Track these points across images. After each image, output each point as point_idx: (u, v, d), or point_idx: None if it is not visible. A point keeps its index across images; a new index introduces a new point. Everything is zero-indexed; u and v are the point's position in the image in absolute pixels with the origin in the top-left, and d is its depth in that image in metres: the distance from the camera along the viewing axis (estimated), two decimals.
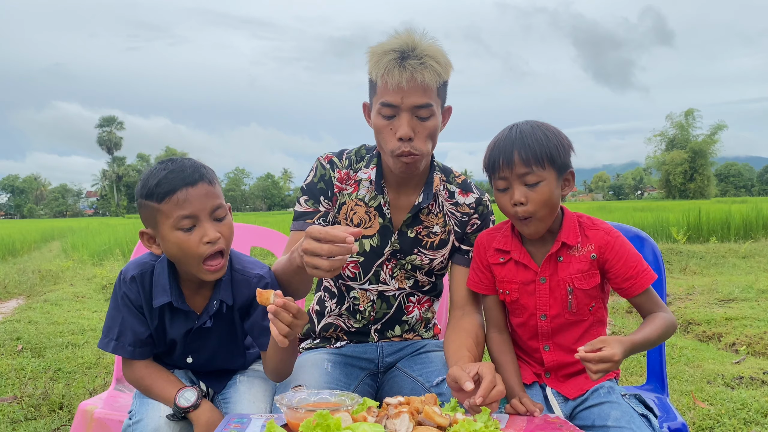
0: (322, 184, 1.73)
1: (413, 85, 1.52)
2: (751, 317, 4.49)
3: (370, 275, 1.73)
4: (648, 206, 22.50)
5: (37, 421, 2.86)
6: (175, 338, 1.55)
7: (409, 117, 1.55)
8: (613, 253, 1.50)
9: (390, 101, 1.55)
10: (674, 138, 57.33)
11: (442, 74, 1.57)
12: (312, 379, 1.58)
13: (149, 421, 1.45)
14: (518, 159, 1.45)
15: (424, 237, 1.72)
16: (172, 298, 1.50)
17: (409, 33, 1.57)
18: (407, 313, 1.78)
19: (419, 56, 1.53)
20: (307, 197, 1.73)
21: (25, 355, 4.05)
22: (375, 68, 1.56)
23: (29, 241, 16.13)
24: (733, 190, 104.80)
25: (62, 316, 5.39)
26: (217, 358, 1.62)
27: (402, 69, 1.52)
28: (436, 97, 1.58)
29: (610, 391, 1.50)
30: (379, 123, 1.59)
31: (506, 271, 1.59)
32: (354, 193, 1.72)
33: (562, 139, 1.50)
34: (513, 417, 1.36)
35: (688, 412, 2.80)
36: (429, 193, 1.71)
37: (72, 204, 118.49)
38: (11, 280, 8.09)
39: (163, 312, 1.53)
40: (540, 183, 1.46)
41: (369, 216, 1.71)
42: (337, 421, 1.07)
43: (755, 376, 3.28)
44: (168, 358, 1.62)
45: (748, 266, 7.56)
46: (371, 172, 1.72)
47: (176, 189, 1.42)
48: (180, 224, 1.42)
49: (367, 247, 1.71)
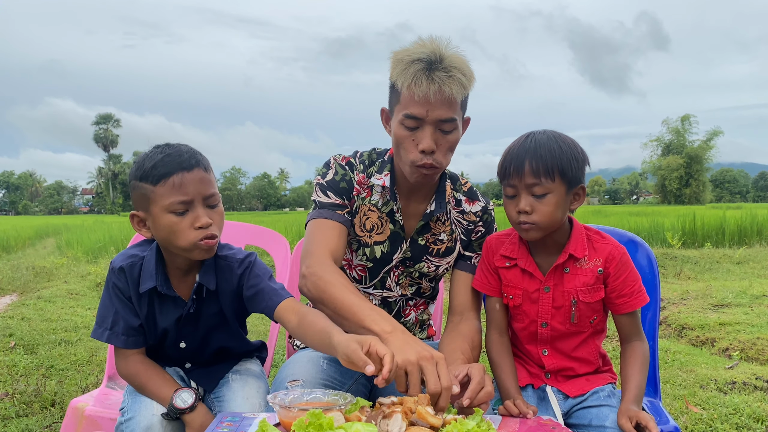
0: (344, 183, 1.70)
1: (440, 98, 1.49)
2: (744, 323, 4.50)
3: (376, 281, 1.73)
4: (643, 211, 22.58)
5: (29, 418, 2.85)
6: (167, 327, 1.55)
7: (433, 130, 1.53)
8: (616, 267, 1.51)
9: (415, 113, 1.51)
10: (670, 143, 57.56)
11: (467, 86, 1.55)
12: (308, 375, 1.58)
13: (141, 419, 1.44)
14: (528, 169, 1.44)
15: (432, 245, 1.72)
16: (157, 283, 1.49)
17: (434, 41, 1.53)
18: (404, 317, 1.78)
19: (447, 68, 1.50)
20: (335, 192, 1.68)
21: (17, 351, 4.03)
22: (401, 77, 1.51)
23: (23, 237, 16.07)
24: (728, 196, 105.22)
25: (56, 313, 5.37)
26: (210, 341, 1.62)
27: (430, 81, 1.48)
28: (459, 110, 1.55)
29: (611, 395, 1.53)
30: (400, 133, 1.56)
31: (512, 275, 1.59)
32: (368, 198, 1.70)
33: (577, 153, 1.48)
34: (506, 419, 1.36)
35: (680, 417, 2.81)
36: (442, 202, 1.70)
37: (67, 201, 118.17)
38: (5, 277, 8.05)
39: (152, 300, 1.53)
40: (547, 195, 1.45)
41: (381, 222, 1.70)
42: (330, 421, 1.07)
43: (748, 382, 3.28)
44: (161, 348, 1.61)
45: (742, 272, 7.58)
46: (385, 178, 1.69)
47: (172, 173, 1.43)
48: (173, 208, 1.43)
49: (377, 252, 1.70)
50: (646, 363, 1.52)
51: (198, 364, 1.66)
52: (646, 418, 1.38)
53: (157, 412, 1.46)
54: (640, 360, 1.51)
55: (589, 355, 1.59)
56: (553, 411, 1.51)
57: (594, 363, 1.60)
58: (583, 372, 1.59)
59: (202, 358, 1.65)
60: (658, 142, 58.50)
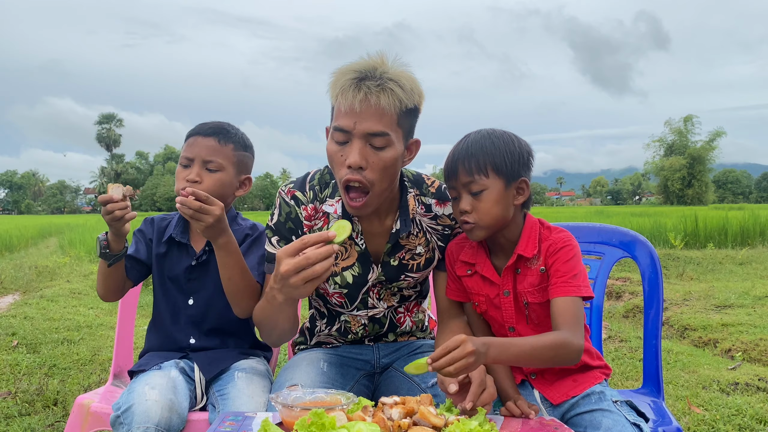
0: (290, 223, 1.60)
1: (366, 107, 1.38)
2: (747, 324, 4.49)
3: (357, 303, 1.67)
4: (646, 211, 22.53)
5: (32, 417, 2.85)
6: (177, 273, 1.79)
7: (362, 144, 1.41)
8: (554, 257, 1.46)
9: (342, 125, 1.41)
10: (673, 144, 57.41)
11: (404, 100, 1.41)
12: (308, 377, 1.57)
13: (137, 407, 1.46)
14: (461, 168, 1.45)
15: (409, 261, 1.64)
16: (174, 231, 1.81)
17: (381, 56, 1.44)
18: (400, 325, 1.76)
19: (378, 77, 1.40)
20: (278, 238, 1.61)
21: (20, 350, 4.04)
22: (332, 89, 1.43)
23: (26, 237, 16.10)
24: (730, 196, 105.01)
25: (58, 312, 5.38)
26: (215, 304, 1.76)
27: (356, 90, 1.38)
28: (395, 125, 1.43)
29: (602, 398, 1.47)
30: (331, 149, 1.46)
31: (473, 283, 1.57)
32: (324, 227, 1.60)
33: (512, 148, 1.46)
34: (508, 419, 1.36)
35: (683, 418, 2.80)
36: (406, 219, 1.60)
37: (70, 201, 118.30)
38: (7, 276, 8.07)
39: (171, 248, 1.82)
40: (483, 192, 1.44)
41: (345, 247, 1.61)
42: (332, 420, 1.07)
43: (750, 383, 3.28)
44: (173, 306, 1.81)
45: (744, 273, 7.56)
46: (337, 205, 1.59)
47: (192, 134, 1.77)
48: (181, 161, 1.76)
49: (349, 278, 1.62)
50: (552, 343, 1.32)
51: (202, 336, 1.75)
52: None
53: (151, 397, 1.48)
54: (550, 335, 1.34)
55: None
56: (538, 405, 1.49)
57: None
58: (565, 369, 1.53)
59: (207, 324, 1.77)
60: (661, 142, 58.36)
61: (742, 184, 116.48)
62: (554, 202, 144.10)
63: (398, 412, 1.19)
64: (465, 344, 1.20)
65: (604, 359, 1.61)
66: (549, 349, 1.32)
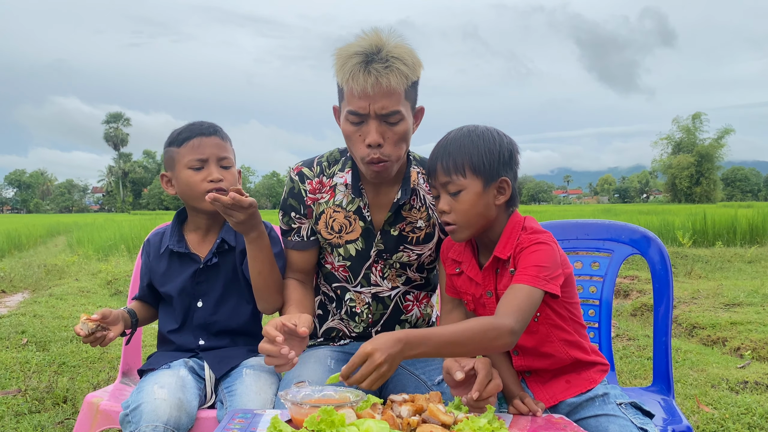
0: (291, 199, 1.73)
1: (379, 90, 1.48)
2: (756, 322, 4.46)
3: (360, 278, 1.73)
4: (653, 209, 22.44)
5: (41, 415, 2.87)
6: (183, 282, 1.76)
7: (377, 123, 1.52)
8: (519, 256, 1.41)
9: (356, 109, 1.51)
10: (681, 141, 57.13)
11: (410, 75, 1.52)
12: (315, 375, 1.58)
13: (146, 405, 1.47)
14: (440, 167, 1.44)
15: (409, 233, 1.70)
16: (171, 241, 1.78)
17: (377, 32, 1.52)
18: (406, 312, 1.77)
19: (384, 59, 1.48)
20: (283, 213, 1.75)
21: (29, 348, 4.07)
22: (340, 73, 1.51)
23: (35, 235, 16.21)
24: (739, 194, 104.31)
25: (67, 310, 5.41)
26: (224, 304, 1.77)
27: (367, 74, 1.47)
28: (404, 100, 1.53)
29: (606, 401, 1.45)
30: (347, 129, 1.57)
31: (461, 282, 1.56)
32: (331, 200, 1.70)
33: (492, 146, 1.43)
34: (516, 417, 1.36)
35: (692, 416, 2.79)
36: (407, 188, 1.68)
37: (78, 199, 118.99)
38: (17, 274, 8.12)
39: (172, 259, 1.80)
40: (461, 192, 1.42)
41: (349, 221, 1.69)
42: (341, 417, 1.07)
43: (760, 381, 3.26)
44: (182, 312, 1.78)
45: (753, 271, 7.51)
46: (347, 175, 1.70)
47: (192, 136, 1.73)
48: (191, 164, 1.71)
49: (352, 251, 1.71)
50: (477, 331, 1.24)
51: (211, 337, 1.75)
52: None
53: (160, 396, 1.48)
54: (470, 324, 1.26)
55: (557, 352, 1.48)
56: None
57: (564, 359, 1.49)
58: (559, 367, 1.50)
59: (216, 326, 1.76)
60: (669, 140, 58.08)
61: (750, 181, 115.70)
62: (561, 201, 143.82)
63: (407, 410, 1.20)
64: (372, 357, 1.16)
65: (602, 354, 1.57)
66: (475, 334, 1.23)
